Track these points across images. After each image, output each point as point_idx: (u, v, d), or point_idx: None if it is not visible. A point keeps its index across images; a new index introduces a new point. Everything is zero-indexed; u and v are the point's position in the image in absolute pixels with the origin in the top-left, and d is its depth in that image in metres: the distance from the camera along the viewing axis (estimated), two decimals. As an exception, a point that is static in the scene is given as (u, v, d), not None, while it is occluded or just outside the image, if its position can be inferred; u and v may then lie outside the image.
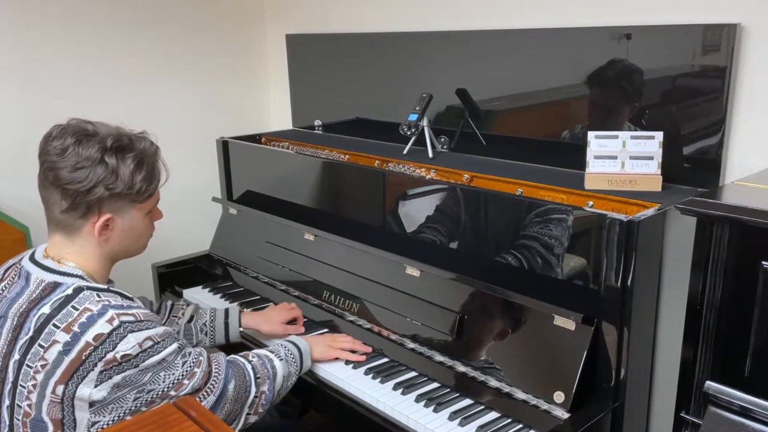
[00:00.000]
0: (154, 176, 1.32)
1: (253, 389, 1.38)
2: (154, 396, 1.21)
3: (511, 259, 1.52)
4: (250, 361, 1.42)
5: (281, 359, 1.48)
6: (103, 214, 1.26)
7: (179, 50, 2.51)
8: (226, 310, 1.75)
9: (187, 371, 1.25)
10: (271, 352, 1.49)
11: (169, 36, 2.47)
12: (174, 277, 2.18)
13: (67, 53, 2.24)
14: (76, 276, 1.25)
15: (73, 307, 1.19)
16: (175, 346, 1.24)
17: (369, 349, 1.67)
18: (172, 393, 1.23)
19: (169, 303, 1.76)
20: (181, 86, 2.54)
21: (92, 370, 1.15)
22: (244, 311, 1.78)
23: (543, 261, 1.46)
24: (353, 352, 1.64)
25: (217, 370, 1.32)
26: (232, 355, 1.43)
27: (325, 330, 1.80)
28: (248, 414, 1.38)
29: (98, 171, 1.23)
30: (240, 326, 1.74)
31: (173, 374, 1.23)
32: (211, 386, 1.30)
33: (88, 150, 1.23)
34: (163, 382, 1.21)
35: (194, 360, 1.27)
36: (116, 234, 1.30)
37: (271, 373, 1.43)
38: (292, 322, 1.79)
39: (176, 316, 1.73)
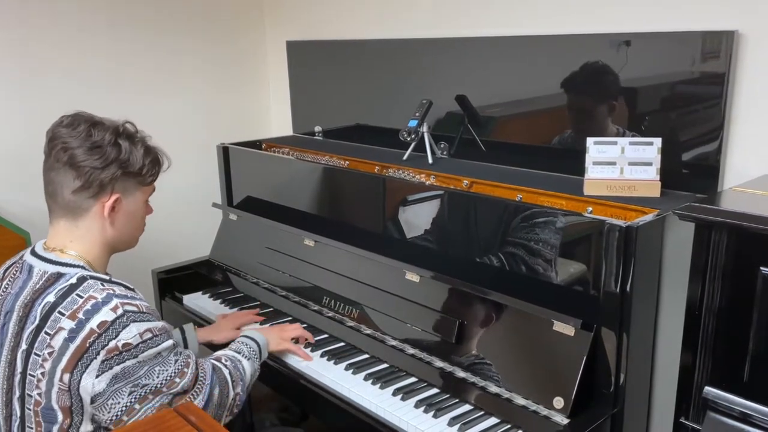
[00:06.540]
0: (159, 162, 1.42)
1: (231, 393, 1.41)
2: (147, 391, 1.23)
3: (510, 265, 1.52)
4: (225, 365, 1.44)
5: (248, 359, 1.51)
6: (114, 193, 1.32)
7: (180, 57, 2.52)
8: (181, 327, 1.74)
9: (178, 369, 1.28)
10: (237, 352, 1.52)
11: (170, 43, 2.48)
12: (174, 283, 2.19)
13: (67, 60, 2.25)
14: (78, 266, 1.29)
15: (78, 295, 1.22)
16: (170, 342, 1.28)
17: (310, 336, 1.74)
18: (164, 390, 1.25)
19: None
20: (182, 93, 2.55)
21: (95, 358, 1.18)
22: (197, 328, 1.79)
23: (542, 267, 1.46)
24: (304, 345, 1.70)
25: (203, 375, 1.35)
26: (210, 360, 1.44)
27: (326, 335, 1.80)
28: (226, 416, 1.42)
29: (113, 151, 1.30)
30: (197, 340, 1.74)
31: (166, 371, 1.26)
32: (197, 390, 1.32)
33: (102, 133, 1.30)
34: (157, 377, 1.24)
35: (184, 360, 1.31)
36: (121, 216, 1.35)
37: (242, 375, 1.47)
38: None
39: None
